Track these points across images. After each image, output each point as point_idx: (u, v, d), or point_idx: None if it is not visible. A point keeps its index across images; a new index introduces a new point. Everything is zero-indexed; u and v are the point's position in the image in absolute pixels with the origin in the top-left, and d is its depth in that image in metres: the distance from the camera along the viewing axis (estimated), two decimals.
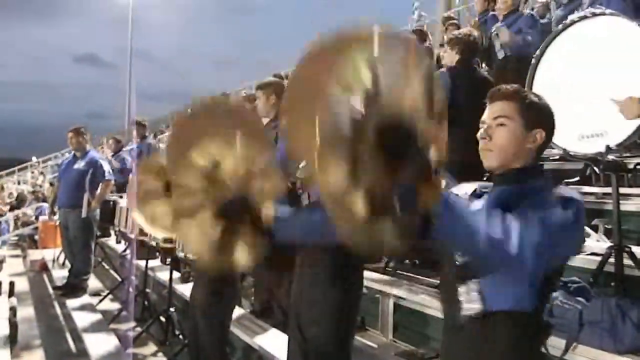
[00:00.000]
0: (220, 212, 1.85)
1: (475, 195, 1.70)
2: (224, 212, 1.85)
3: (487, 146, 1.62)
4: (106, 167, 6.50)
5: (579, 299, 2.80)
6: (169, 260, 5.56)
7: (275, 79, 4.18)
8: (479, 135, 1.64)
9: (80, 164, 6.56)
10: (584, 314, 2.70)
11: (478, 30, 5.42)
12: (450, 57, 4.51)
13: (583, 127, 3.61)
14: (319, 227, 1.75)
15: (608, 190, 3.61)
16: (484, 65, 5.86)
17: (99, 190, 6.39)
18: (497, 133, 1.61)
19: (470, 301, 1.57)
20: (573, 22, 3.96)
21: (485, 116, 1.65)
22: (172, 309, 4.89)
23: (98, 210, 6.50)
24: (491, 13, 6.15)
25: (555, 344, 2.67)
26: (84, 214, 6.28)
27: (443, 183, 1.27)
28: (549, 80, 4.00)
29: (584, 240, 1.50)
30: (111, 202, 6.66)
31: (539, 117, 1.62)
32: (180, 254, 4.69)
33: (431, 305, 3.54)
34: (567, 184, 4.23)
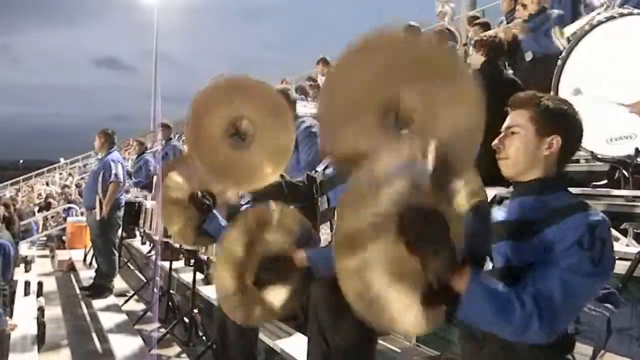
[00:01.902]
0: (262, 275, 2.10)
1: (495, 202, 1.69)
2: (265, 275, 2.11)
3: (501, 155, 1.63)
4: (114, 169, 6.34)
5: (607, 305, 2.72)
6: (192, 261, 5.61)
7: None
8: (493, 145, 1.64)
9: (96, 166, 6.64)
10: (612, 320, 2.63)
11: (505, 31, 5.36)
12: (476, 59, 4.46)
13: (611, 130, 3.54)
14: None
15: (638, 193, 3.53)
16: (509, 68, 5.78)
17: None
18: (508, 141, 1.61)
19: None
20: (600, 23, 3.88)
21: (503, 126, 1.65)
22: (195, 311, 4.93)
23: (120, 212, 6.51)
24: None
25: (582, 351, 2.62)
26: (97, 216, 6.29)
27: (468, 271, 1.35)
28: (576, 82, 3.93)
29: (613, 266, 1.50)
30: (136, 204, 6.73)
31: (554, 123, 1.59)
32: (203, 256, 4.73)
33: None
34: (595, 186, 4.15)
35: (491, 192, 1.71)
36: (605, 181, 4.16)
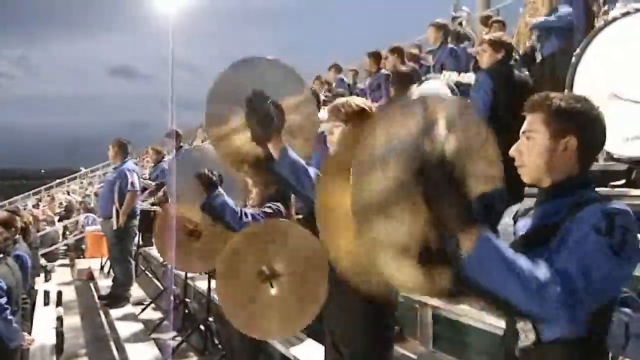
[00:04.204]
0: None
1: (518, 216, 1.65)
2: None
3: (518, 162, 1.58)
4: (131, 178, 6.37)
5: (626, 309, 2.66)
6: None
7: None
8: (510, 153, 1.59)
9: (112, 175, 6.69)
10: (631, 326, 2.56)
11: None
12: (491, 58, 4.40)
13: (627, 129, 3.46)
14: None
15: None
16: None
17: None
18: (524, 147, 1.56)
19: (526, 331, 1.53)
20: (615, 19, 3.81)
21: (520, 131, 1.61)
22: (211, 319, 4.93)
23: (136, 221, 6.54)
24: None
25: None
26: (114, 225, 6.31)
27: (479, 228, 1.27)
28: (591, 80, 3.85)
29: (639, 257, 1.42)
30: (151, 212, 6.76)
31: (567, 123, 1.52)
32: None
33: (471, 315, 3.44)
34: (613, 186, 4.07)
35: (514, 208, 1.69)
36: (623, 181, 4.07)
